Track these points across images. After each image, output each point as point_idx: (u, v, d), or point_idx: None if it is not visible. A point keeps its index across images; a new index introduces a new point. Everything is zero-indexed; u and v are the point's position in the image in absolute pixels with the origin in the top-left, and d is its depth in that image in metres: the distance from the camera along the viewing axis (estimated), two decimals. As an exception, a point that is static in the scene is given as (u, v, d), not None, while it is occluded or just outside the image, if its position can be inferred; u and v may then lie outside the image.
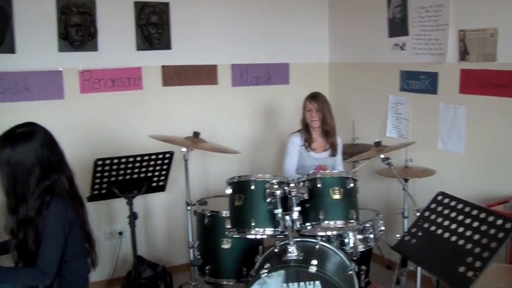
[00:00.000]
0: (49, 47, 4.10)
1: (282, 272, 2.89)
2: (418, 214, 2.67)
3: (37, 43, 4.06)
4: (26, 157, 2.46)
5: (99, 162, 3.37)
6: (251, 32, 4.86)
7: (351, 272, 3.15)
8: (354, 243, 3.51)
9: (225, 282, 3.73)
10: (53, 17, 4.08)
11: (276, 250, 3.18)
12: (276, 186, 3.11)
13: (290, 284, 2.87)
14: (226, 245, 3.63)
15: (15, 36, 3.97)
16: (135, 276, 3.77)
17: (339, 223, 3.15)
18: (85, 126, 4.23)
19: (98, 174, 3.42)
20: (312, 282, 2.85)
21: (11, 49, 3.96)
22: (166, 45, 4.48)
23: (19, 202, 2.49)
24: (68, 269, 2.60)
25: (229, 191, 3.31)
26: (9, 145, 2.46)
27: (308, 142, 4.00)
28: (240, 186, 3.27)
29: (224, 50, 4.73)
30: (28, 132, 2.52)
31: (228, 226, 3.28)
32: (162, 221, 4.65)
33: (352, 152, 4.34)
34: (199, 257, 3.71)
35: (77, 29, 4.11)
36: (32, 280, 2.49)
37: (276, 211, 3.07)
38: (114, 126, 4.34)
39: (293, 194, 3.09)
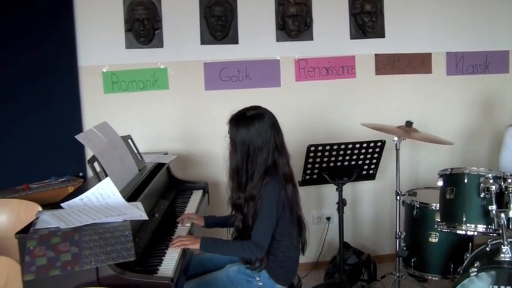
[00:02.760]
0: (267, 37, 4.34)
1: (493, 273, 2.73)
2: None
3: (257, 33, 4.32)
4: (258, 137, 2.62)
5: (312, 148, 3.50)
6: (467, 18, 4.58)
7: None
8: None
9: (429, 277, 3.65)
10: (271, 8, 4.31)
11: (488, 249, 2.99)
12: (491, 181, 2.98)
13: (502, 287, 2.69)
14: (434, 239, 3.54)
15: (238, 28, 4.29)
16: (339, 262, 3.83)
17: None
18: (299, 113, 4.39)
19: (310, 160, 3.55)
20: (527, 289, 2.66)
21: (234, 40, 4.29)
22: (379, 33, 4.46)
23: (248, 179, 2.67)
24: (280, 248, 2.72)
25: (440, 183, 3.23)
26: (244, 126, 2.64)
27: None
28: (452, 178, 3.17)
29: (439, 37, 4.55)
30: (259, 114, 2.67)
31: (438, 219, 3.21)
32: (370, 209, 4.66)
33: None
34: (405, 248, 3.67)
35: (294, 19, 4.28)
36: (246, 252, 2.65)
37: (490, 207, 2.93)
38: (326, 114, 4.45)
39: (510, 190, 2.91)
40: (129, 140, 3.33)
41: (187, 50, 4.23)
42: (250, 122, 2.64)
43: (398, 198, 3.70)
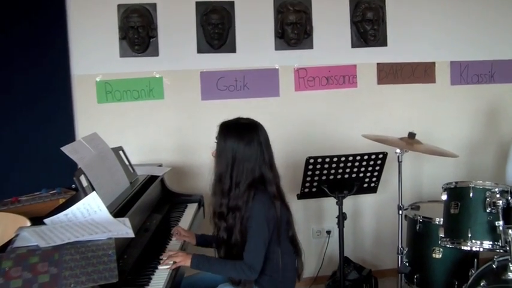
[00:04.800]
0: (266, 45, 4.25)
1: (501, 292, 2.62)
2: None
3: (255, 42, 4.23)
4: (246, 148, 2.55)
5: (311, 161, 3.37)
6: (472, 26, 4.48)
7: None
8: None
9: (433, 295, 3.53)
10: (270, 16, 4.22)
11: (494, 266, 2.86)
12: (497, 196, 2.87)
13: (510, 307, 2.58)
14: (437, 255, 3.43)
15: (236, 36, 4.19)
16: (340, 277, 3.71)
17: None
18: (298, 124, 4.29)
19: (309, 172, 3.42)
20: (535, 310, 2.54)
21: (232, 48, 4.20)
22: (382, 42, 4.36)
23: (232, 186, 2.57)
24: (274, 268, 2.61)
25: (444, 197, 3.12)
26: (234, 134, 2.57)
27: None
28: (456, 192, 3.05)
29: (443, 46, 4.45)
30: (251, 125, 2.62)
31: (442, 235, 3.09)
32: (371, 223, 4.54)
33: None
34: (407, 264, 3.56)
35: (293, 27, 4.17)
36: (239, 273, 2.54)
37: (496, 223, 2.82)
38: (327, 124, 4.34)
39: (518, 205, 2.80)
40: (121, 152, 3.22)
41: (184, 59, 4.14)
42: (241, 129, 2.59)
43: (400, 212, 3.60)
